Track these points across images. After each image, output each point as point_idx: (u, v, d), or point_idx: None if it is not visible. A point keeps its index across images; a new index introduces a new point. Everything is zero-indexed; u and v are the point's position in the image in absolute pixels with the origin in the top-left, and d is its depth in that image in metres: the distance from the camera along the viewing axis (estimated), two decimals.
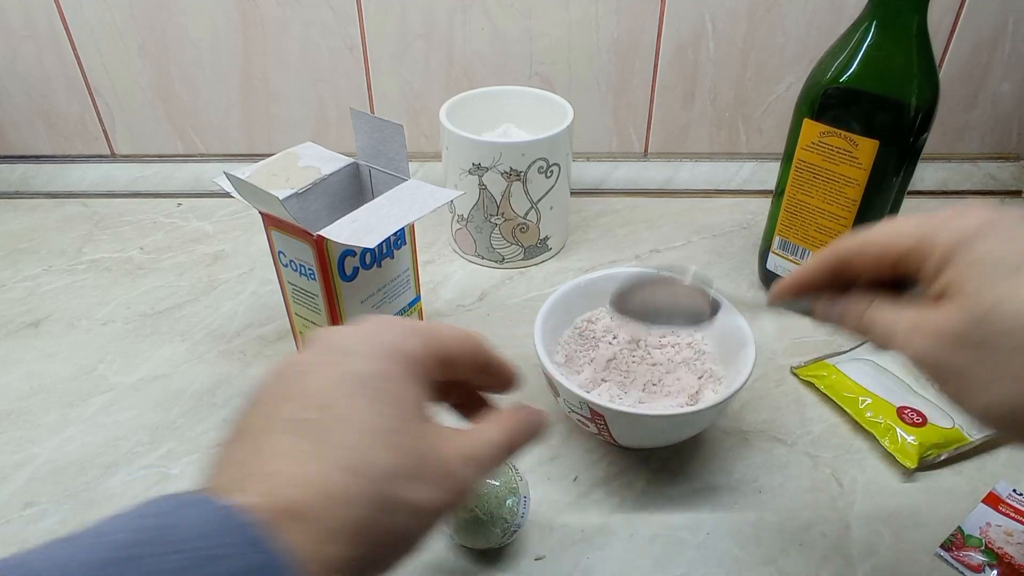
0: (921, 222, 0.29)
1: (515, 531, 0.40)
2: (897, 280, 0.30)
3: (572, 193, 0.67)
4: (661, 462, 0.47)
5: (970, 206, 0.28)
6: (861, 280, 0.31)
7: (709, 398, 0.47)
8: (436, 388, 0.29)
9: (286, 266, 0.48)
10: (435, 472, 0.25)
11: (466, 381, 0.31)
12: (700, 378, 0.49)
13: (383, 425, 0.25)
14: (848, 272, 0.32)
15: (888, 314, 0.29)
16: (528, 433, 0.30)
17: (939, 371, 0.27)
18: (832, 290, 0.33)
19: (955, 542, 0.42)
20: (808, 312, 0.35)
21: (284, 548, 0.21)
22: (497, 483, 0.40)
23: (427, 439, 0.26)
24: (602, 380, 0.49)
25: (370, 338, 0.27)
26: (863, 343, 0.56)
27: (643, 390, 0.48)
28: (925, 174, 0.74)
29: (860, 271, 0.31)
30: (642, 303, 0.42)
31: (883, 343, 0.30)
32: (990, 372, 0.25)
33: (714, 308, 0.41)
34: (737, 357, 0.47)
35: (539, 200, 0.61)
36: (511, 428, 0.29)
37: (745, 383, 0.44)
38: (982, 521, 0.43)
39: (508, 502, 0.40)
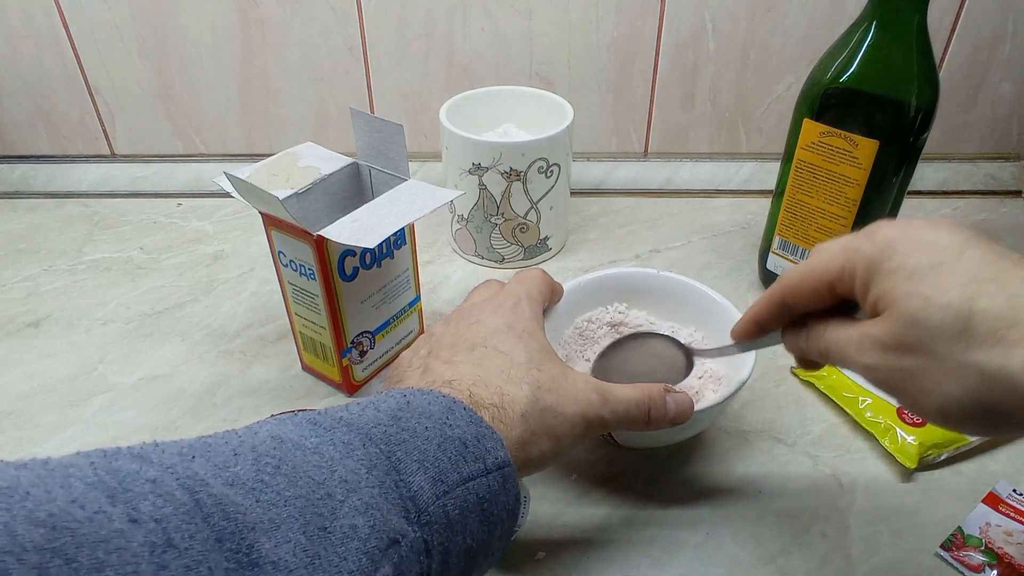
0: (844, 244, 0.30)
1: (515, 531, 0.40)
2: (844, 304, 0.32)
3: (572, 193, 0.67)
4: (661, 462, 0.47)
5: (880, 223, 0.30)
6: (812, 310, 0.33)
7: (709, 398, 0.47)
8: None
9: (286, 266, 0.48)
10: (569, 390, 0.36)
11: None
12: (700, 378, 0.49)
13: (529, 356, 0.36)
14: (795, 305, 0.33)
15: (840, 334, 0.31)
16: (667, 409, 0.38)
17: (890, 381, 0.28)
18: (793, 325, 0.35)
19: (955, 542, 0.42)
20: (773, 343, 0.36)
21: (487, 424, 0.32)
22: None
23: (563, 370, 0.37)
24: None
25: (509, 308, 0.39)
26: None
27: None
28: (925, 174, 0.74)
29: (805, 302, 0.33)
30: (620, 365, 0.45)
31: (841, 363, 0.32)
32: (934, 373, 0.26)
33: (689, 360, 0.44)
34: (737, 357, 0.47)
35: (539, 200, 0.61)
36: (650, 396, 0.38)
37: (745, 383, 0.44)
38: (982, 521, 0.43)
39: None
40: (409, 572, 0.27)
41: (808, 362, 0.35)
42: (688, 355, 0.44)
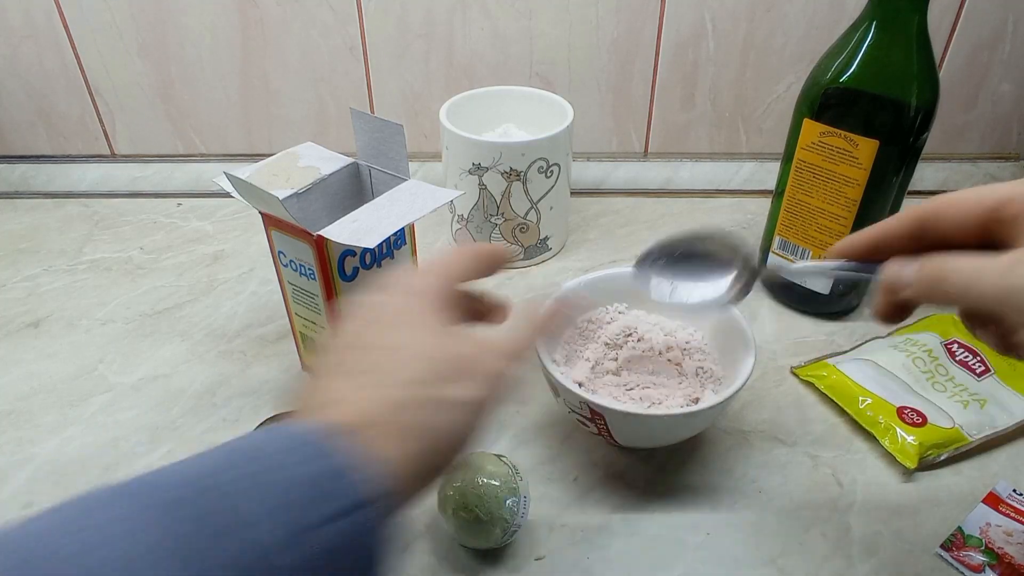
0: (1007, 184, 0.28)
1: (515, 531, 0.40)
2: (980, 245, 0.29)
3: (572, 193, 0.67)
4: (661, 462, 0.47)
5: None
6: (945, 242, 0.30)
7: (709, 398, 0.47)
8: (461, 308, 0.35)
9: (286, 266, 0.48)
10: (470, 370, 0.30)
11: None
12: (700, 378, 0.49)
13: (416, 346, 0.30)
14: (929, 232, 0.30)
15: (970, 262, 0.28)
16: (544, 321, 0.37)
17: None
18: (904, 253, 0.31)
19: (955, 542, 0.42)
20: (867, 274, 0.32)
21: (355, 451, 0.26)
22: (497, 483, 0.40)
23: (458, 347, 0.30)
24: (601, 376, 0.49)
25: (393, 287, 0.33)
26: (864, 343, 0.56)
27: (643, 390, 0.48)
28: (925, 174, 0.74)
29: (943, 231, 0.30)
30: (669, 262, 0.39)
31: (957, 293, 0.28)
32: None
33: (751, 273, 0.38)
34: (737, 357, 0.47)
35: (539, 200, 0.61)
36: (530, 319, 0.36)
37: (745, 383, 0.44)
38: (982, 521, 0.43)
39: (508, 502, 0.40)
40: None
41: (892, 309, 0.32)
42: (750, 269, 0.39)
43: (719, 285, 0.39)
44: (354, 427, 0.27)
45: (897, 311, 0.32)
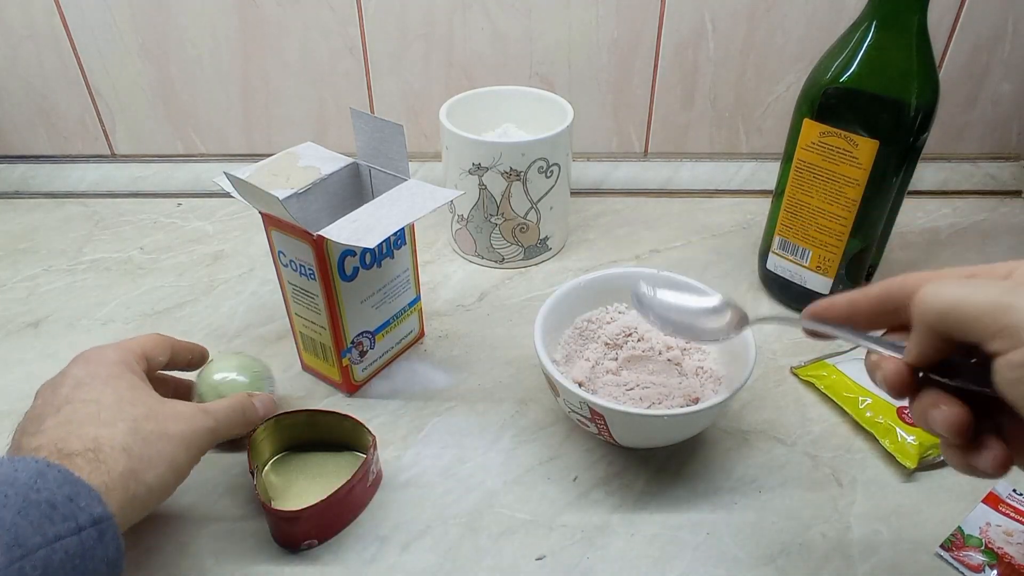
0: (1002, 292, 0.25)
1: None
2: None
3: (572, 193, 0.67)
4: (661, 462, 0.47)
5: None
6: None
7: (709, 398, 0.47)
8: (157, 380, 0.45)
9: (286, 266, 0.48)
10: (168, 413, 0.38)
11: (174, 364, 0.46)
12: (700, 378, 0.49)
13: (119, 396, 0.38)
14: (899, 310, 0.29)
15: (958, 284, 0.26)
16: (256, 409, 0.45)
17: None
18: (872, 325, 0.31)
19: (955, 542, 0.42)
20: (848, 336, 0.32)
21: (70, 478, 0.32)
22: (245, 380, 0.47)
23: (159, 400, 0.39)
24: (601, 376, 0.49)
25: (94, 359, 0.40)
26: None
27: (643, 390, 0.48)
28: (925, 174, 0.74)
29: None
30: (664, 303, 0.44)
31: (953, 305, 0.26)
32: None
33: (741, 320, 0.41)
34: (737, 357, 0.47)
35: (539, 200, 0.61)
36: (240, 402, 0.44)
37: (745, 383, 0.44)
38: (982, 521, 0.43)
39: (263, 389, 0.48)
40: None
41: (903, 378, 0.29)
42: (740, 318, 0.41)
43: (715, 316, 0.43)
44: (80, 452, 0.34)
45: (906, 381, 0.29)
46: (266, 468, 0.46)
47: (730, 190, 0.75)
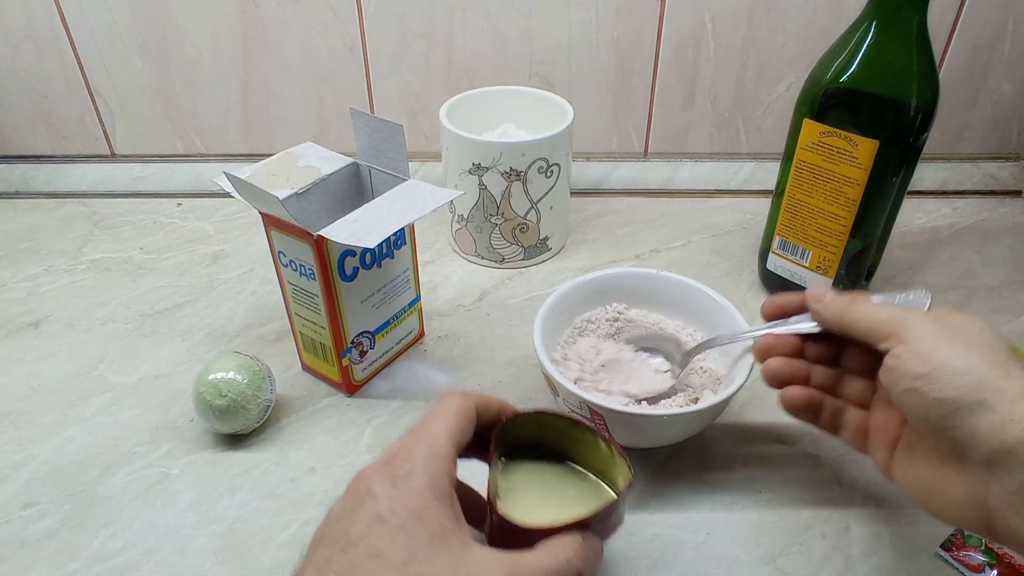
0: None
1: (268, 407, 0.48)
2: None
3: (572, 193, 0.67)
4: (661, 462, 0.47)
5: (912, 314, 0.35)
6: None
7: (709, 398, 0.47)
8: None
9: (286, 266, 0.48)
10: None
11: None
12: (701, 378, 0.49)
13: (410, 553, 0.28)
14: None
15: (876, 305, 0.38)
16: (590, 560, 0.31)
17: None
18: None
19: (955, 542, 0.42)
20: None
21: None
22: (244, 379, 0.46)
23: (458, 557, 0.29)
24: (600, 376, 0.49)
25: (401, 482, 0.30)
26: None
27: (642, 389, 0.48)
28: (925, 174, 0.74)
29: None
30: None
31: (862, 317, 0.37)
32: None
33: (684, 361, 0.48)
34: (737, 357, 0.47)
35: (539, 200, 0.61)
36: (566, 557, 0.30)
37: (745, 383, 0.44)
38: None
39: (263, 388, 0.48)
40: None
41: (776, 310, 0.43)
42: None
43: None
44: None
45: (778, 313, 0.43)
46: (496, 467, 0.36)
47: (730, 190, 0.75)
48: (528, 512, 0.33)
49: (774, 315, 0.43)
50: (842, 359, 0.41)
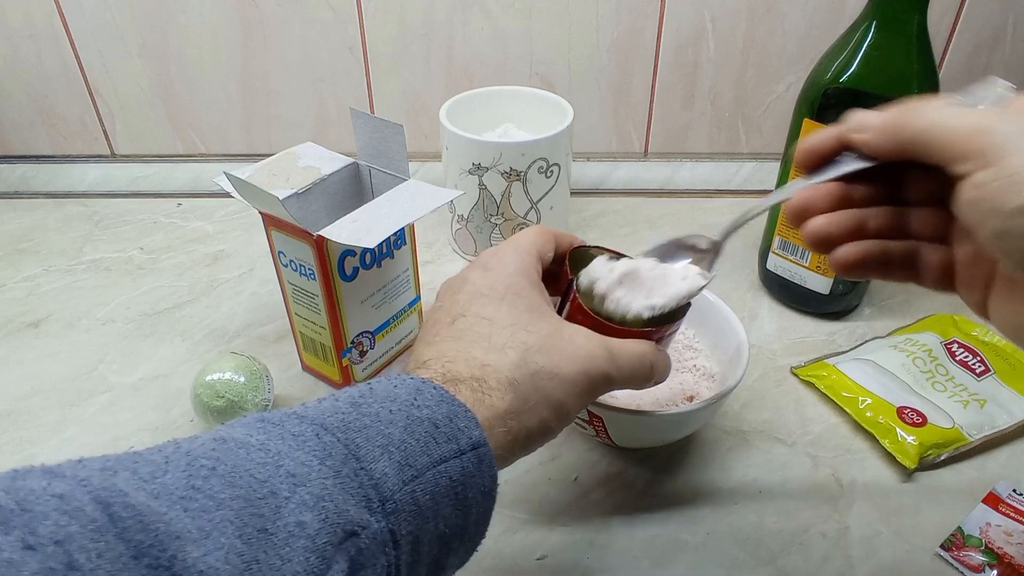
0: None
1: (267, 407, 0.48)
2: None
3: (572, 193, 0.67)
4: (661, 462, 0.47)
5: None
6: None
7: (704, 396, 0.47)
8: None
9: (286, 266, 0.48)
10: (565, 348, 0.33)
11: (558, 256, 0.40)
12: (695, 376, 0.49)
13: (515, 318, 0.33)
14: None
15: (940, 107, 0.27)
16: (664, 364, 0.37)
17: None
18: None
19: (955, 542, 0.42)
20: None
21: (468, 400, 0.30)
22: (242, 380, 0.47)
23: (557, 327, 0.34)
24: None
25: (494, 267, 0.36)
26: (864, 343, 0.56)
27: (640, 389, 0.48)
28: None
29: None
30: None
31: (925, 130, 0.27)
32: None
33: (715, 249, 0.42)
34: (732, 355, 0.47)
35: (539, 200, 0.61)
36: (654, 350, 0.36)
37: (740, 380, 0.44)
38: (982, 521, 0.43)
39: (261, 388, 0.48)
40: (372, 565, 0.25)
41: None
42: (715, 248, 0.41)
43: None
44: (453, 381, 0.31)
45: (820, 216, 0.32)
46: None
47: (730, 190, 0.75)
48: None
49: (814, 163, 0.33)
50: (904, 190, 0.32)
